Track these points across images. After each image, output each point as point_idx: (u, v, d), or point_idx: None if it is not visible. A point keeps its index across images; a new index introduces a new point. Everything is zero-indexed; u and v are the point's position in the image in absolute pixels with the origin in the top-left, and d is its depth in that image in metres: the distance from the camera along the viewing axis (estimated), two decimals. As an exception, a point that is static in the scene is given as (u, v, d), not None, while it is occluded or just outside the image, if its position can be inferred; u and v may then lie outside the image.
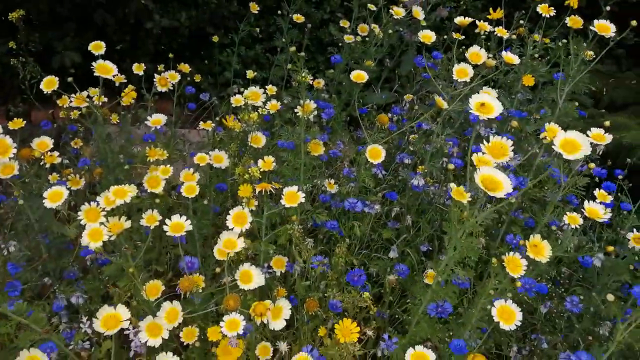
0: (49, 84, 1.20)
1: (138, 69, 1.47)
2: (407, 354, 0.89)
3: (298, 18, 2.07)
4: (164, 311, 0.96)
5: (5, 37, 2.53)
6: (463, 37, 1.65)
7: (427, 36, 1.41)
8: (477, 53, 1.20)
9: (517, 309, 0.91)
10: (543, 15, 1.66)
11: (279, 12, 2.27)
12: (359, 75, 1.38)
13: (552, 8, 1.66)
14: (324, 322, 1.12)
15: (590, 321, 1.34)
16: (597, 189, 1.43)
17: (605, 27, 1.35)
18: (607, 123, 1.25)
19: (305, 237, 1.21)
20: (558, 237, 1.31)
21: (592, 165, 1.19)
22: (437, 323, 1.20)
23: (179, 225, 1.07)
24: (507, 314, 0.90)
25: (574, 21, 1.46)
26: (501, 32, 1.57)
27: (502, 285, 0.96)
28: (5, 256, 1.37)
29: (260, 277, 1.04)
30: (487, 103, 0.86)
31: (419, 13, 1.86)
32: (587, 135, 1.20)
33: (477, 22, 1.56)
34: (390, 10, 1.93)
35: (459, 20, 1.43)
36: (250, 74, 1.77)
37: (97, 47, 1.23)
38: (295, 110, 1.50)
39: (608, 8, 1.62)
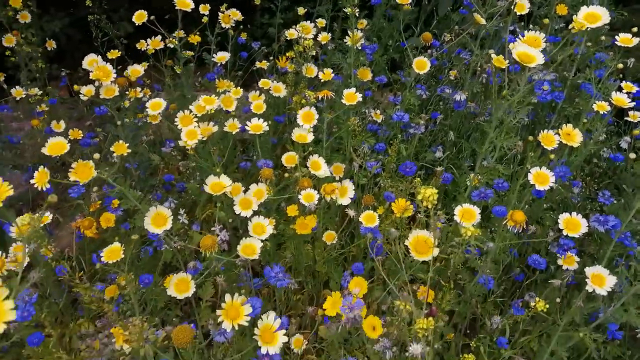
0: (140, 16, 1.41)
1: (204, 9, 1.66)
2: (456, 210, 1.05)
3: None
4: (252, 191, 1.16)
5: (65, 10, 2.78)
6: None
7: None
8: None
9: (550, 173, 1.06)
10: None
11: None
12: (403, -2, 1.52)
13: None
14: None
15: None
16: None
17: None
18: (635, 29, 1.36)
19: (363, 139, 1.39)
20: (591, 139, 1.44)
21: (620, 65, 1.31)
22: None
23: (257, 126, 1.26)
24: (541, 178, 1.06)
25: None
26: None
27: (542, 159, 1.12)
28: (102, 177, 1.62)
29: (326, 168, 1.23)
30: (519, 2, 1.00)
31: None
32: (616, 40, 1.33)
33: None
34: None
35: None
36: (301, 10, 1.93)
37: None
38: (345, 40, 1.66)
39: None
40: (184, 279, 0.95)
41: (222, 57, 1.70)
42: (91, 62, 1.37)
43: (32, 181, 0.90)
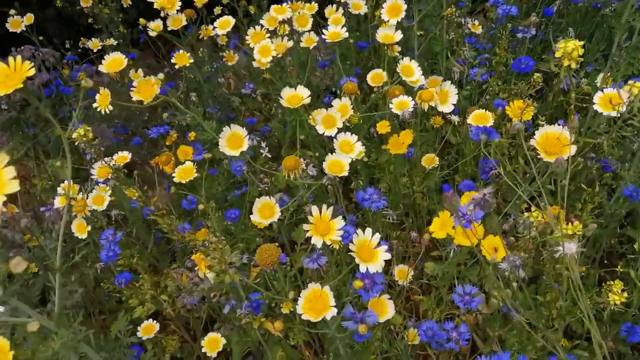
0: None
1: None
2: (595, 97, 0.83)
3: None
4: (335, 107, 1.01)
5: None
6: None
7: None
8: None
9: None
10: None
11: None
12: None
13: None
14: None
15: None
16: None
17: None
18: None
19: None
20: None
21: None
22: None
23: (336, 33, 1.11)
24: None
25: None
26: None
27: None
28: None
29: (419, 74, 1.04)
30: None
31: None
32: None
33: None
34: None
35: None
36: None
37: None
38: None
39: None
40: (267, 203, 0.83)
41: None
42: (156, -7, 1.29)
43: (94, 105, 0.82)
